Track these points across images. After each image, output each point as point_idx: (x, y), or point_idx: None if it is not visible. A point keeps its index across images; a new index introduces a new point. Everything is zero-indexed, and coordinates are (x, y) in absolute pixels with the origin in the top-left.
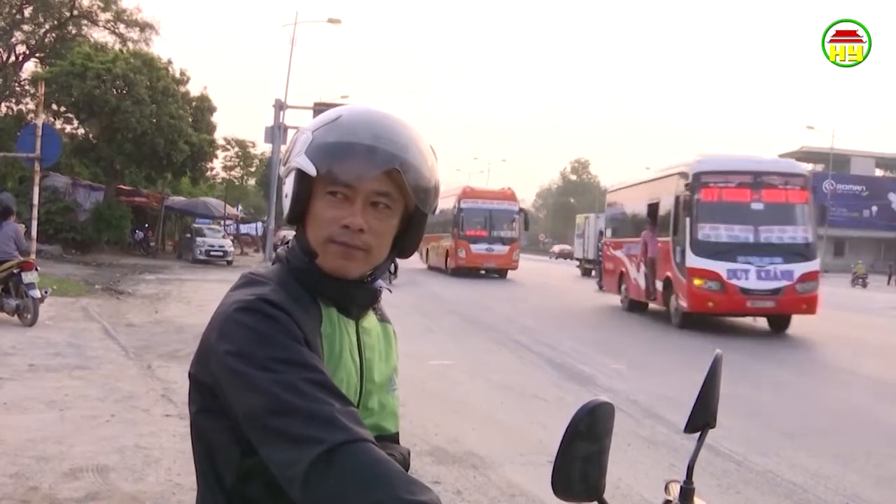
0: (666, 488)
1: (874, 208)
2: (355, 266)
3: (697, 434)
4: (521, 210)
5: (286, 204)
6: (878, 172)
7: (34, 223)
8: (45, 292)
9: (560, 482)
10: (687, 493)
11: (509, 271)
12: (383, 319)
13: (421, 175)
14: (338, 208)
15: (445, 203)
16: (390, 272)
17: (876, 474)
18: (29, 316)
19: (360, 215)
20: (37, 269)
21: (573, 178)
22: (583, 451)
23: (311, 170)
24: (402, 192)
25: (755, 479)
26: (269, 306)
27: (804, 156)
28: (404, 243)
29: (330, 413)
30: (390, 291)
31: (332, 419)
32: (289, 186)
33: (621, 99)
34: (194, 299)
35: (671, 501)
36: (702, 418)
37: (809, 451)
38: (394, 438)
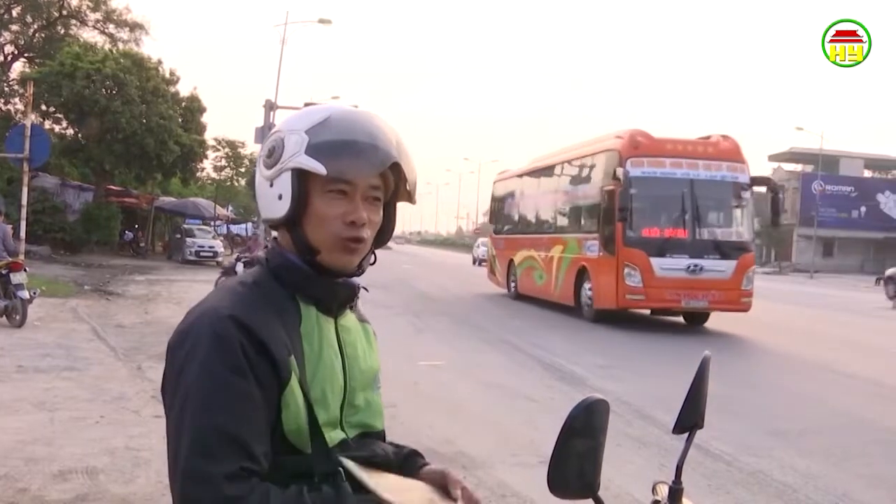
0: (654, 489)
1: (863, 209)
2: (356, 259)
3: (686, 434)
4: (755, 181)
5: (281, 205)
6: (867, 173)
7: (23, 224)
8: (34, 293)
9: (556, 479)
10: (675, 493)
11: (713, 312)
12: (362, 319)
13: (412, 169)
14: (341, 205)
15: (568, 171)
16: (370, 263)
17: (866, 474)
18: (17, 317)
19: (361, 210)
20: (25, 270)
21: None
22: (579, 447)
23: (321, 169)
24: (387, 185)
25: (745, 479)
26: (229, 326)
27: (793, 156)
28: (381, 233)
29: (217, 476)
30: (367, 290)
31: (218, 483)
32: (283, 187)
33: (612, 100)
34: (184, 300)
35: (659, 502)
36: (690, 419)
37: (800, 451)
38: (380, 436)
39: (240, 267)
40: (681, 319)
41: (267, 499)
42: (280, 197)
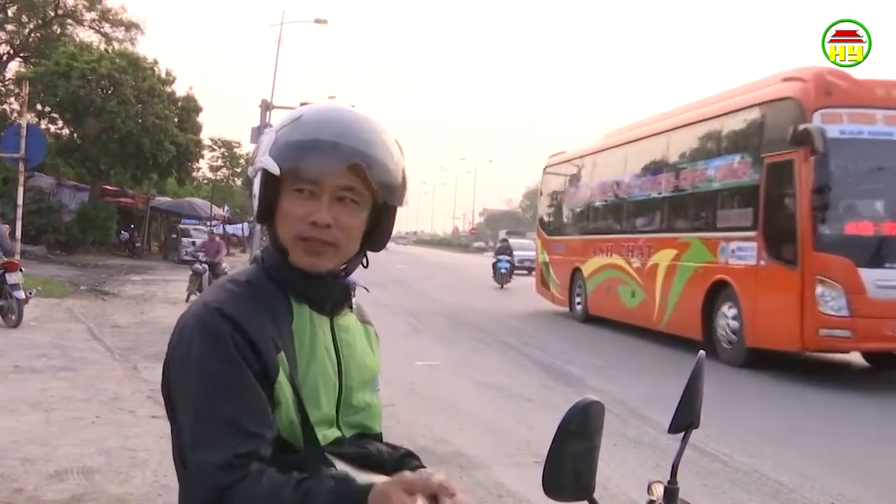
0: (649, 489)
1: None
2: (325, 261)
3: (682, 434)
4: None
5: (254, 203)
6: None
7: (18, 224)
8: (30, 293)
9: (551, 481)
10: (671, 493)
11: None
12: (364, 321)
13: (386, 169)
14: (304, 205)
15: (692, 137)
16: (363, 265)
17: (862, 474)
18: (13, 317)
19: (326, 211)
20: (21, 270)
21: None
22: (574, 449)
23: (275, 168)
24: (368, 186)
25: (741, 478)
26: (218, 320)
27: None
28: (375, 237)
29: (212, 466)
30: (367, 290)
31: (211, 474)
32: (256, 186)
33: (606, 100)
34: (180, 300)
35: (655, 501)
36: (686, 418)
37: (796, 451)
38: (377, 438)
39: (206, 273)
40: (855, 358)
41: (259, 482)
42: (255, 195)
